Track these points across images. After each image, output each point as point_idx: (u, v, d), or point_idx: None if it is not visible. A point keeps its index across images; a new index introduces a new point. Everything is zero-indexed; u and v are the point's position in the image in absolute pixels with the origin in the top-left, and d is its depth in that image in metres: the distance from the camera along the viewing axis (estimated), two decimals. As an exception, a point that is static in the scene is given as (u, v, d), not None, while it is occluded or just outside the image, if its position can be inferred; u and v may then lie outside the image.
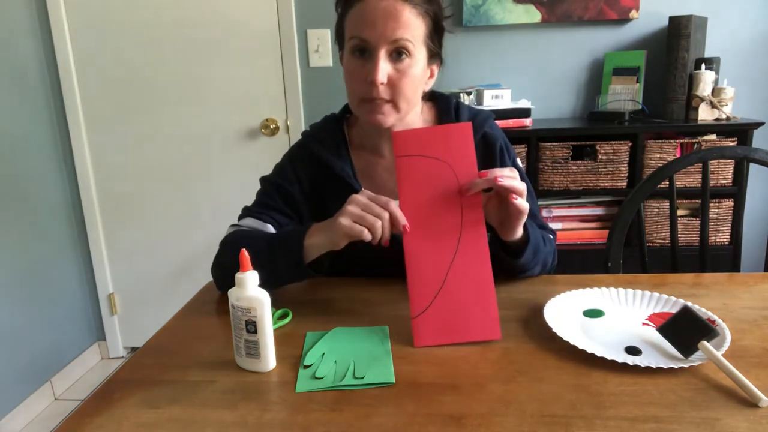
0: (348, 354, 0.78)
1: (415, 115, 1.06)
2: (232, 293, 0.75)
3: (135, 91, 2.35)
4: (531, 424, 0.62)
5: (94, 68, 2.34)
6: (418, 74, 0.97)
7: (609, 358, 0.72)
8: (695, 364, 0.71)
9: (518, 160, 1.13)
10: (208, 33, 2.27)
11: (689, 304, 0.84)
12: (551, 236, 1.12)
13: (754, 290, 0.95)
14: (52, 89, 2.35)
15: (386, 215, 0.83)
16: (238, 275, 0.74)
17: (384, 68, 0.93)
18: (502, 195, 0.85)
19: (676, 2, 2.10)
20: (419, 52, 0.96)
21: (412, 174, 0.86)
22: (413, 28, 0.94)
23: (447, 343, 0.80)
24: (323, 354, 0.78)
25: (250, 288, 0.74)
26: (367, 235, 0.83)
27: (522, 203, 0.85)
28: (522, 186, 0.85)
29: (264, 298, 0.74)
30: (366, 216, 0.83)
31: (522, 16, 2.14)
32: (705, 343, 0.71)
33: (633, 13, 2.10)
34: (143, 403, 0.69)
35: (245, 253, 0.75)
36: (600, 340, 0.79)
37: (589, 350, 0.74)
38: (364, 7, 0.93)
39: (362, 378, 0.72)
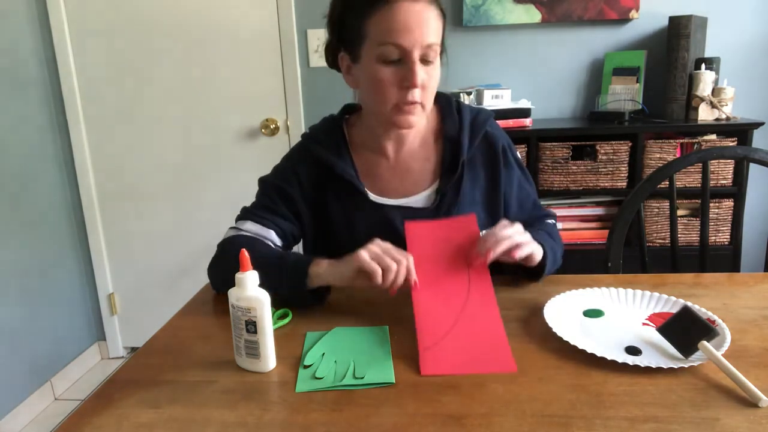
0: (348, 354, 0.78)
1: None
2: (232, 293, 0.75)
3: (135, 91, 2.35)
4: (531, 424, 0.62)
5: (94, 68, 2.34)
6: (439, 75, 1.00)
7: (609, 358, 0.72)
8: (695, 364, 0.71)
9: (518, 154, 1.15)
10: (208, 33, 2.27)
11: (689, 304, 0.84)
12: (553, 221, 1.15)
13: (754, 290, 0.95)
14: (52, 89, 2.35)
15: (404, 262, 0.85)
16: (238, 275, 0.74)
17: (422, 72, 0.94)
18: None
19: (676, 2, 2.10)
20: (439, 54, 0.98)
21: (420, 241, 0.92)
22: (438, 30, 0.96)
23: (457, 373, 0.73)
24: (323, 354, 0.78)
25: (250, 288, 0.74)
26: (379, 277, 0.84)
27: (524, 252, 0.90)
28: (516, 239, 0.89)
29: (264, 298, 0.74)
30: (385, 257, 0.85)
31: (522, 16, 2.14)
32: (705, 343, 0.71)
33: (633, 13, 2.10)
34: (143, 403, 0.69)
35: (245, 253, 0.75)
36: (600, 340, 0.79)
37: (589, 350, 0.74)
38: (394, 12, 0.92)
39: (362, 378, 0.72)
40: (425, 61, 0.95)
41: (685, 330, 0.74)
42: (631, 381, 0.69)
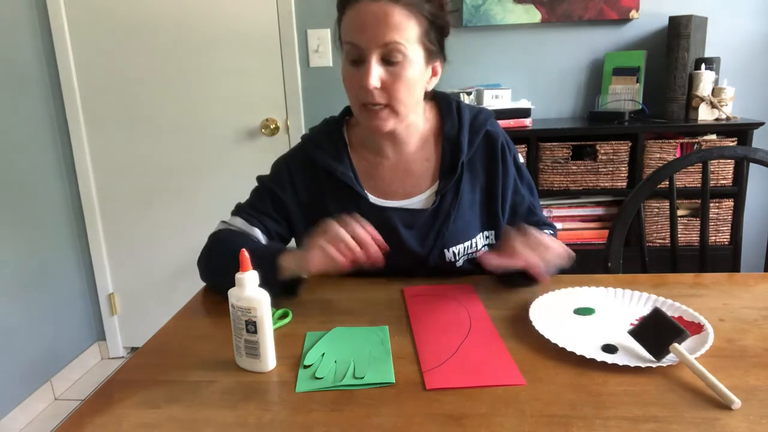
0: (348, 354, 0.78)
1: (417, 116, 1.06)
2: (232, 293, 0.75)
3: (135, 91, 2.35)
4: (531, 424, 0.62)
5: (94, 68, 2.34)
6: (415, 76, 0.96)
7: (583, 354, 0.73)
8: (664, 365, 0.71)
9: (519, 155, 1.13)
10: (208, 33, 2.27)
11: (658, 305, 0.84)
12: (552, 232, 1.12)
13: (754, 290, 0.95)
14: (52, 89, 2.35)
15: (361, 231, 0.85)
16: (238, 275, 0.74)
17: (376, 73, 0.93)
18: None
19: (676, 2, 2.10)
20: (414, 53, 0.95)
21: (418, 298, 0.94)
22: (405, 29, 0.92)
23: (463, 387, 0.70)
24: (323, 354, 0.78)
25: (249, 288, 0.74)
26: (340, 258, 0.83)
27: (546, 277, 0.90)
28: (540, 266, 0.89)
29: (264, 298, 0.74)
30: (338, 235, 0.84)
31: (522, 16, 2.14)
32: (676, 345, 0.71)
33: (633, 13, 2.10)
34: (143, 403, 0.69)
35: (245, 253, 0.75)
36: (582, 337, 0.79)
37: (561, 344, 0.75)
38: (354, 12, 0.93)
39: (362, 378, 0.72)
40: (388, 61, 0.93)
41: (656, 332, 0.73)
42: (631, 381, 0.69)
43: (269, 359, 0.76)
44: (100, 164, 2.43)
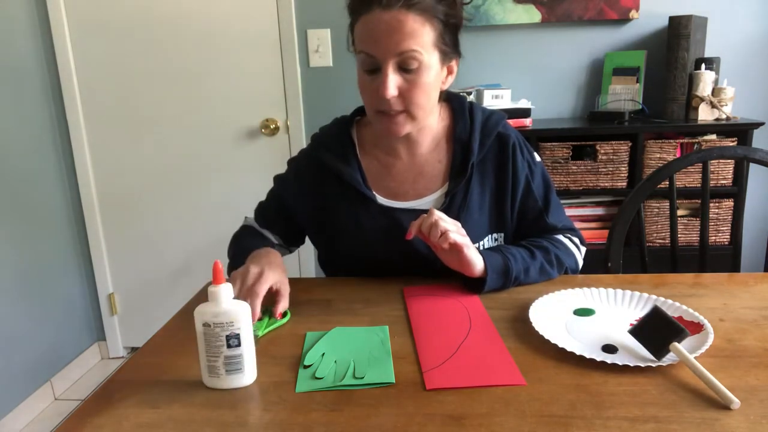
0: (348, 354, 0.78)
1: (432, 117, 1.06)
2: (205, 312, 0.70)
3: (135, 91, 2.35)
4: (531, 424, 0.62)
5: (94, 68, 2.34)
6: (431, 81, 0.95)
7: (583, 354, 0.73)
8: (663, 365, 0.71)
9: (535, 156, 1.12)
10: (208, 33, 2.27)
11: (658, 304, 0.84)
12: (560, 236, 1.09)
13: (754, 290, 0.95)
14: (52, 89, 2.35)
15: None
16: (211, 289, 0.70)
17: (393, 81, 0.92)
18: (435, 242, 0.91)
19: (676, 2, 2.10)
20: (430, 58, 0.93)
21: (418, 299, 0.95)
22: (420, 35, 0.91)
23: (463, 386, 0.70)
24: (323, 354, 0.78)
25: (226, 302, 0.70)
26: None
27: (446, 240, 0.90)
28: (439, 227, 0.90)
29: (242, 307, 0.71)
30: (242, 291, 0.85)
31: (522, 16, 2.14)
32: (676, 344, 0.71)
33: (633, 13, 2.10)
34: (143, 403, 0.69)
35: (219, 265, 0.71)
36: (582, 338, 0.79)
37: (560, 344, 0.75)
38: (368, 20, 0.91)
39: (362, 378, 0.72)
40: (404, 68, 0.92)
41: (656, 331, 0.73)
42: (631, 381, 0.69)
43: (253, 370, 0.73)
44: (100, 164, 2.43)
